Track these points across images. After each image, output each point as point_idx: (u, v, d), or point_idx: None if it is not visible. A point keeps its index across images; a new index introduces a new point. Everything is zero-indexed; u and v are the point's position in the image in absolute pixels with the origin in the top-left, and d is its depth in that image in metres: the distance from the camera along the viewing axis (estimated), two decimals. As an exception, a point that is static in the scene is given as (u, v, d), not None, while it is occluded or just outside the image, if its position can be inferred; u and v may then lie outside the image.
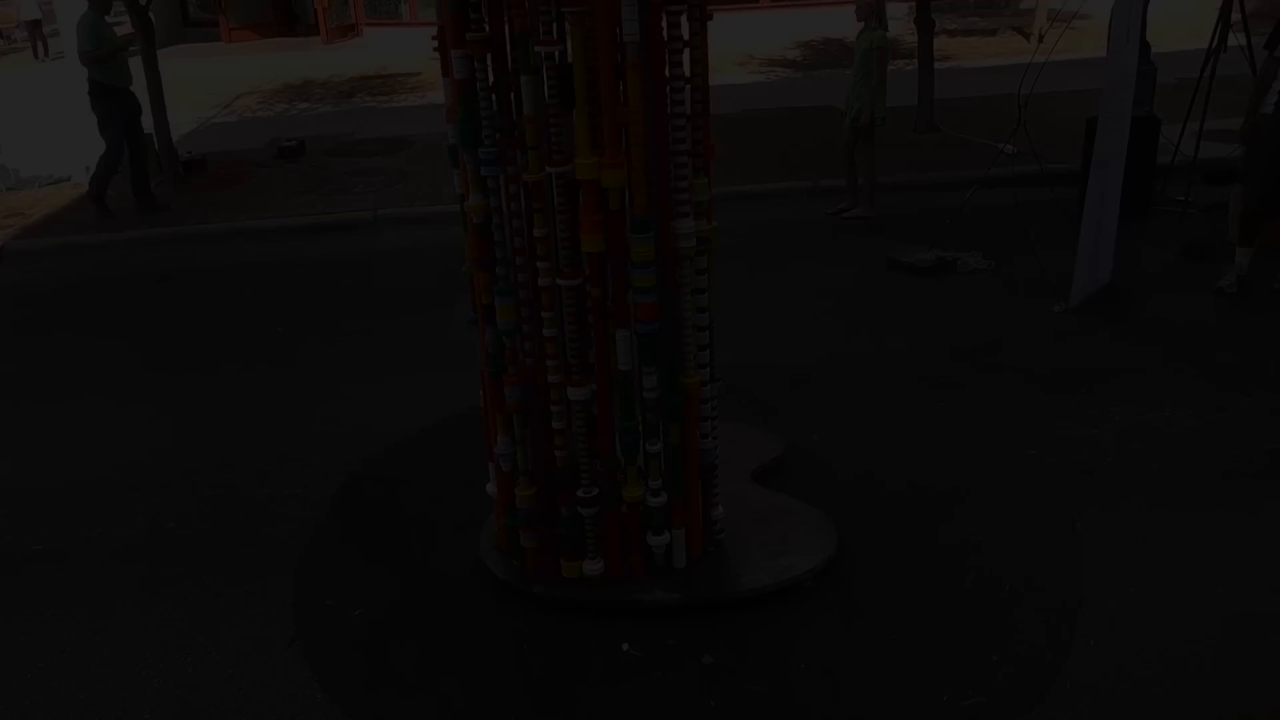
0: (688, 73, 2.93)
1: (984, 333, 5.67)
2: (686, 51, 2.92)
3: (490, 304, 3.21)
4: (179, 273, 7.43)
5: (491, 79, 2.95)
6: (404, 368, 5.61)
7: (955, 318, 5.90)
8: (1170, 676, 3.17)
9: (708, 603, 3.49)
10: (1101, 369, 5.17)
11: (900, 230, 7.67)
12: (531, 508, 3.46)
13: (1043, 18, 14.74)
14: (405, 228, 8.06)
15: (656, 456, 3.36)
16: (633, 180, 2.97)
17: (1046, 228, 6.66)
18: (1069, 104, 10.41)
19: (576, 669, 3.33)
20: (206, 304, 6.77)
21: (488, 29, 2.89)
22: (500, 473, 3.51)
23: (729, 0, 16.21)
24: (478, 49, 2.90)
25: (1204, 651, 3.28)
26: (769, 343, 5.69)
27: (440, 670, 3.36)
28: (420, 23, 15.51)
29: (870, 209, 7.87)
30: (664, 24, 2.87)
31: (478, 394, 3.67)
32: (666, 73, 2.91)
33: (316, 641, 3.53)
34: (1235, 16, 7.37)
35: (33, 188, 9.42)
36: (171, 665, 3.49)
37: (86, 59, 7.86)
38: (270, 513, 4.32)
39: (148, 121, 8.57)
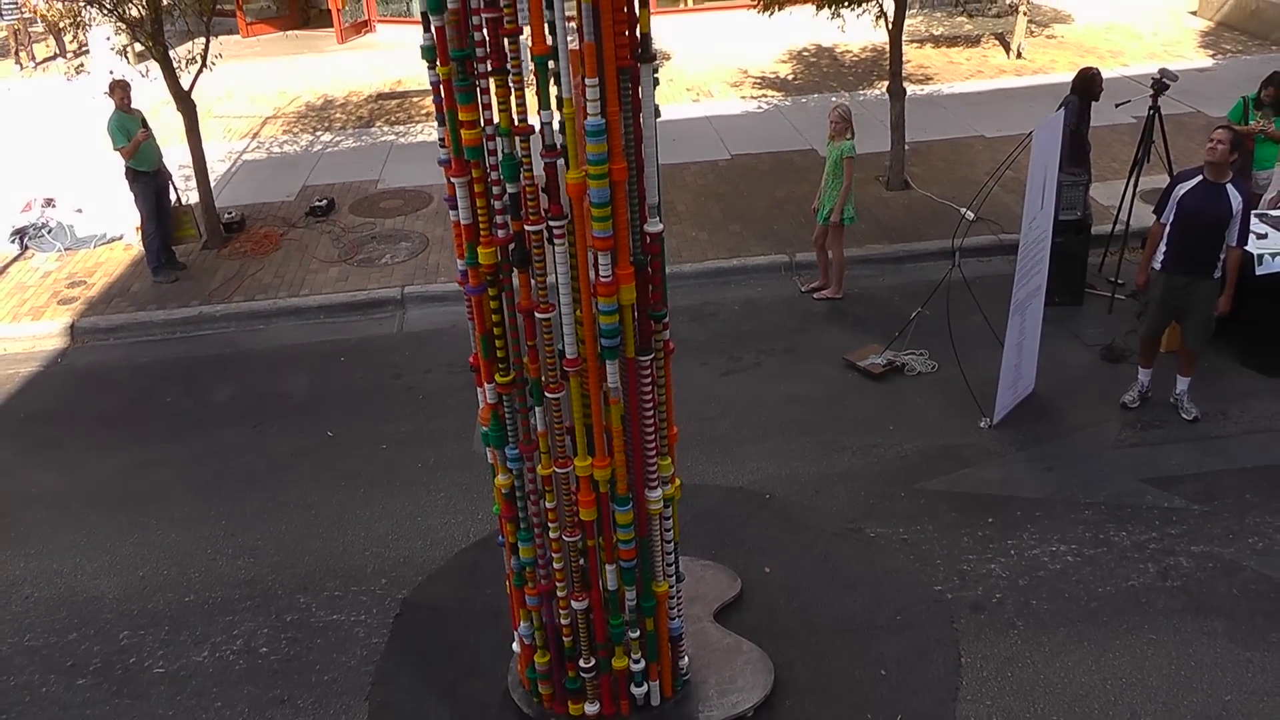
0: (655, 396, 4.10)
1: (918, 452, 6.85)
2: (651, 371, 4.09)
3: (515, 543, 4.44)
4: (234, 356, 8.63)
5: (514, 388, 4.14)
6: (438, 484, 6.82)
7: (897, 434, 7.06)
8: None
9: (675, 737, 4.79)
10: (1009, 497, 6.37)
11: (864, 313, 8.79)
12: (546, 669, 4.74)
13: (1022, 30, 15.53)
14: (430, 306, 9.20)
15: (638, 638, 4.61)
16: (615, 470, 4.16)
17: (980, 330, 7.68)
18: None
19: (579, 791, 4.64)
20: (263, 401, 7.96)
21: (511, 374, 4.06)
22: (522, 643, 4.78)
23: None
24: (505, 388, 4.08)
25: (1035, 782, 4.57)
26: (736, 461, 6.86)
27: (481, 791, 4.67)
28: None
29: (839, 290, 8.99)
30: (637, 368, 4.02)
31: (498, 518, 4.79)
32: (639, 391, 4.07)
33: (388, 765, 4.84)
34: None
35: (89, 247, 10.53)
36: (283, 783, 4.80)
37: (122, 154, 9.18)
38: (342, 638, 5.60)
39: (173, 189, 9.89)
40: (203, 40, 9.89)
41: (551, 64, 3.51)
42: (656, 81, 3.64)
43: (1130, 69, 14.41)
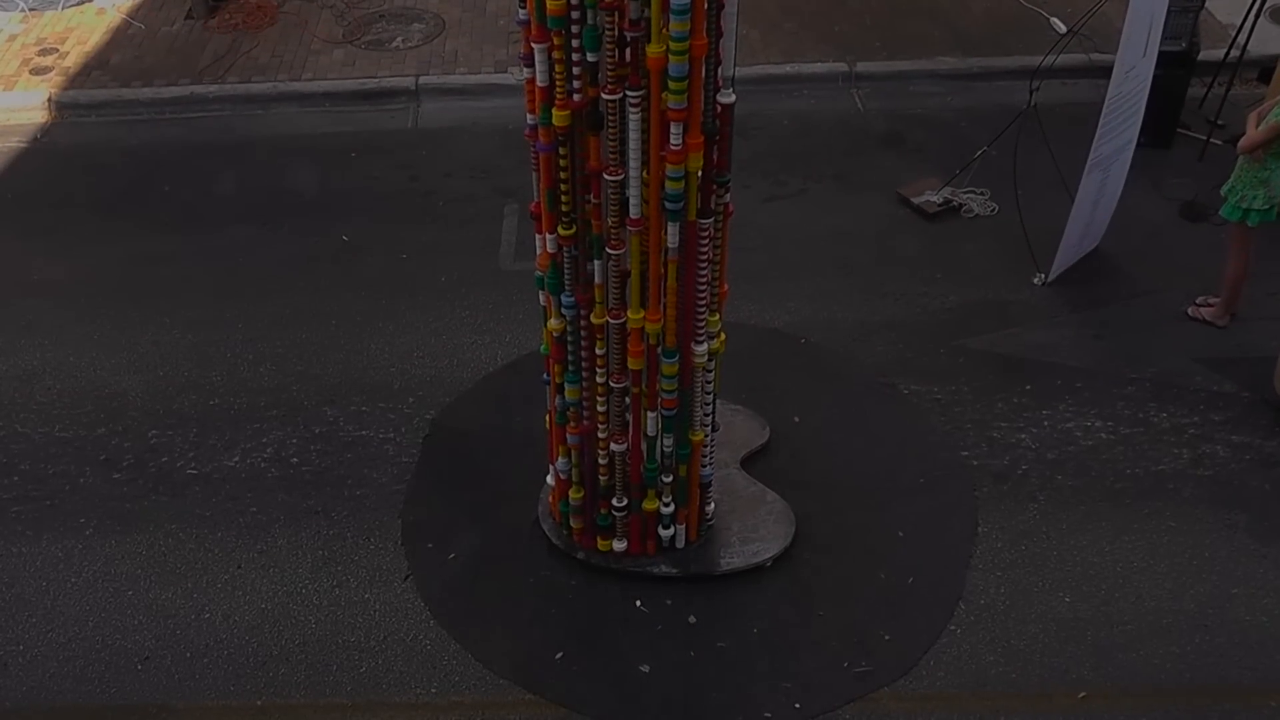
0: (711, 256, 5.12)
1: (964, 305, 7.82)
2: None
3: (561, 383, 5.56)
4: (232, 144, 9.53)
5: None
6: (462, 300, 7.86)
7: (944, 283, 8.01)
8: (1008, 664, 5.68)
9: (696, 576, 6.05)
10: (1051, 363, 7.40)
11: (924, 139, 9.56)
12: (580, 504, 5.97)
13: None
14: (447, 99, 10.02)
15: (670, 483, 5.81)
16: (666, 324, 5.23)
17: (1050, 170, 8.29)
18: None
19: (604, 616, 5.92)
20: (269, 196, 8.92)
21: (574, 227, 5.05)
22: (558, 478, 5.98)
23: None
24: (566, 240, 5.09)
25: (1036, 646, 5.77)
26: (773, 300, 7.83)
27: (514, 608, 5.93)
28: None
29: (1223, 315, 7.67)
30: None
31: (528, 338, 5.66)
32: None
33: (423, 578, 6.10)
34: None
35: (56, 9, 11.11)
36: (322, 587, 6.09)
37: None
38: (372, 454, 6.78)
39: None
40: None
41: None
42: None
43: None
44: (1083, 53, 10.19)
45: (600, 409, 5.52)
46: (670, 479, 5.75)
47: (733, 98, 4.76)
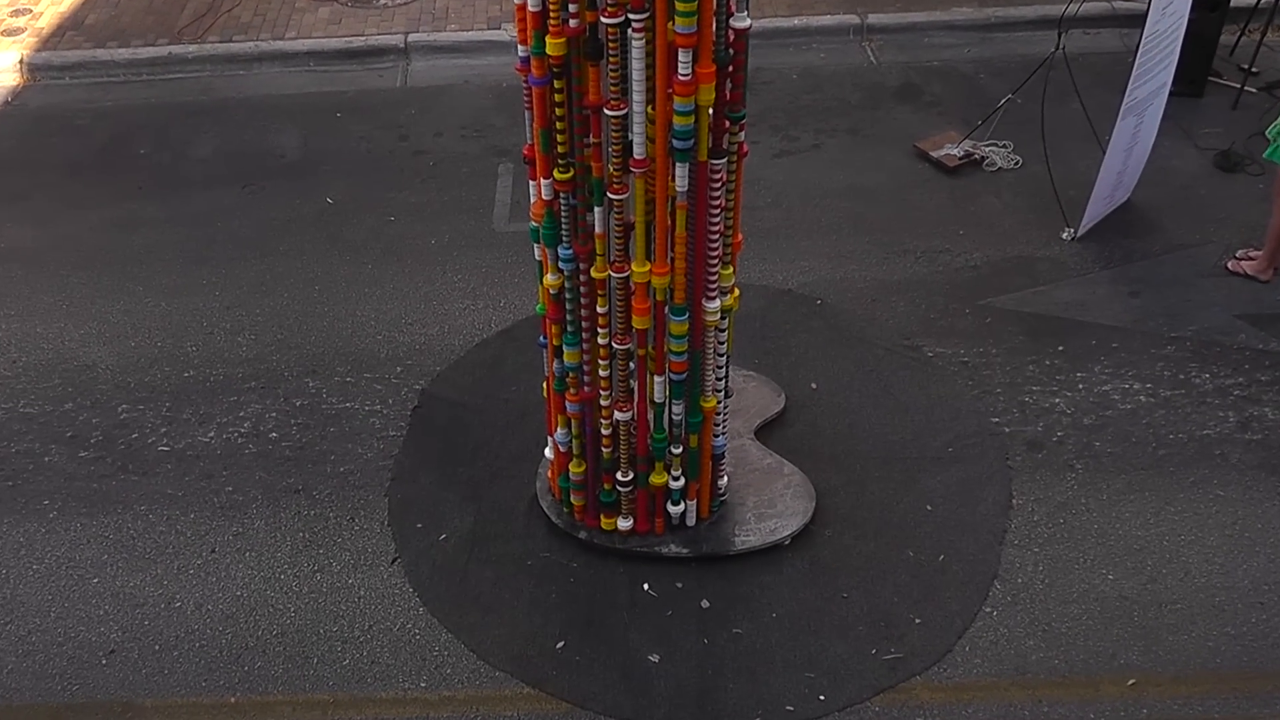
0: (724, 202, 4.57)
1: (989, 263, 7.31)
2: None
3: (560, 346, 5.02)
4: (212, 106, 8.99)
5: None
6: (453, 264, 7.36)
7: (967, 240, 7.50)
8: (1049, 648, 5.17)
9: (709, 556, 5.53)
10: (1084, 323, 6.87)
11: (942, 92, 9.08)
12: (581, 479, 5.44)
13: None
14: (438, 57, 9.49)
15: (680, 454, 5.28)
16: (674, 278, 4.68)
17: (1076, 121, 7.90)
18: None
19: (609, 601, 5.41)
20: (250, 159, 8.38)
21: (571, 171, 4.50)
22: (557, 450, 5.45)
23: None
24: (563, 186, 4.53)
25: (1080, 629, 5.27)
26: (786, 259, 7.35)
27: (510, 593, 5.43)
28: None
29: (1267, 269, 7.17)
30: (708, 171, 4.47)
31: (523, 302, 5.19)
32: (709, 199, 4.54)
33: (412, 561, 5.60)
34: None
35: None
36: (302, 572, 5.58)
37: None
38: (357, 429, 6.27)
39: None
40: None
41: None
42: None
43: None
44: (1105, 1, 9.75)
45: (603, 374, 5.01)
46: (680, 450, 5.24)
47: (748, 22, 4.24)
